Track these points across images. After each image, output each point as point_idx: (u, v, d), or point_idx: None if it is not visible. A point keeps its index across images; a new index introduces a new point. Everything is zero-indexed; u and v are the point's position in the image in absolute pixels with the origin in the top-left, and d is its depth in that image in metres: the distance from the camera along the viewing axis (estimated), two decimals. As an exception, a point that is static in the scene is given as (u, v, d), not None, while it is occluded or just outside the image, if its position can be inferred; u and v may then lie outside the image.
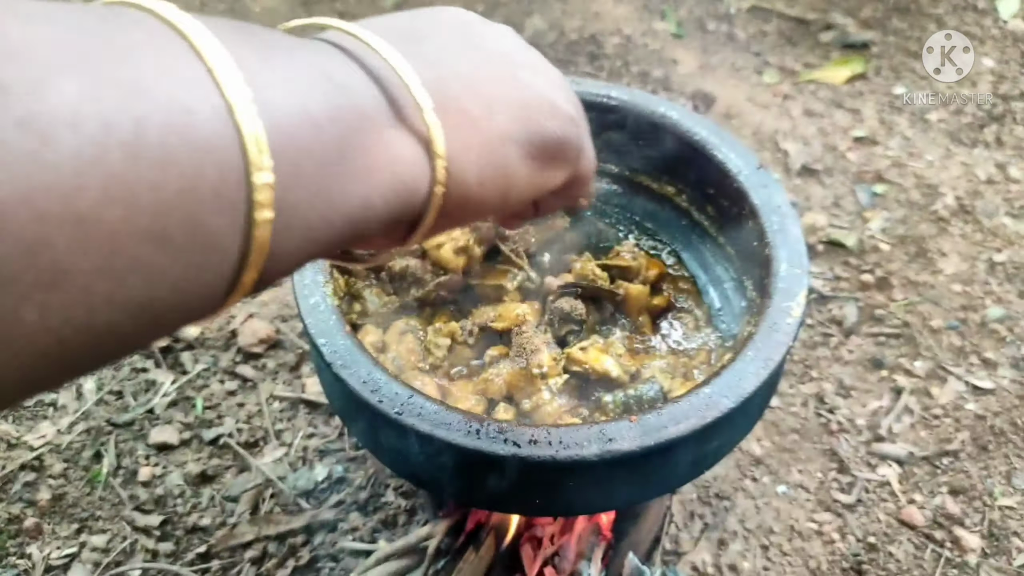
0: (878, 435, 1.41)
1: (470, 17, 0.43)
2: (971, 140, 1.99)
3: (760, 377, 0.69)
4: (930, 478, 1.36)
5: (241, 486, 1.31)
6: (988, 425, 1.43)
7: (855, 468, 1.37)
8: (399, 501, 1.29)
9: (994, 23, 2.32)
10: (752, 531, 1.29)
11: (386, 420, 0.66)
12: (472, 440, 0.64)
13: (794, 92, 2.11)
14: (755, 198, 0.85)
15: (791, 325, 0.73)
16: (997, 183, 1.88)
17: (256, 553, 1.23)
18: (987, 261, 1.70)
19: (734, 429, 0.75)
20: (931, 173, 1.89)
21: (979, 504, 1.33)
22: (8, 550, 1.23)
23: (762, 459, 1.38)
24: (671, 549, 1.26)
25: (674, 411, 0.66)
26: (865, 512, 1.32)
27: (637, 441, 0.64)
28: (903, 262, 1.70)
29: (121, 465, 1.33)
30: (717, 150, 0.90)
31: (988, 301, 1.62)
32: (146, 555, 1.23)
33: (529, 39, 2.22)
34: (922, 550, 1.28)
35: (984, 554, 1.27)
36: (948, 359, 1.53)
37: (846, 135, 1.99)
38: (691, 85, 2.11)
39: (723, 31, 2.32)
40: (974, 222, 1.78)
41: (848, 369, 1.51)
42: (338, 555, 1.23)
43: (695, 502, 1.32)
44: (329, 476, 1.32)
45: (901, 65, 2.19)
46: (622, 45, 2.23)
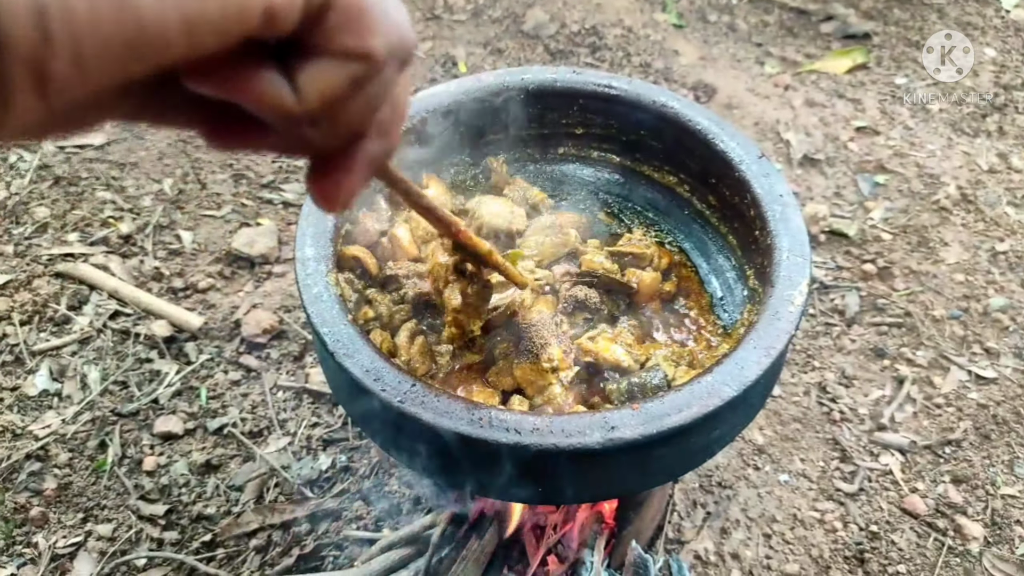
0: (880, 424, 1.41)
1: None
2: (973, 130, 1.99)
3: (762, 366, 0.69)
4: (932, 467, 1.37)
5: (246, 475, 1.31)
6: (990, 414, 1.43)
7: (857, 457, 1.37)
8: (403, 490, 1.29)
9: (996, 13, 2.32)
10: (754, 520, 1.30)
11: (389, 409, 0.66)
12: (475, 429, 0.64)
13: (795, 83, 2.11)
14: (757, 188, 0.85)
15: (793, 314, 0.73)
16: (999, 172, 1.88)
17: (261, 542, 1.24)
18: (989, 250, 1.70)
19: (736, 417, 0.76)
20: (933, 163, 1.89)
21: (981, 493, 1.34)
22: (15, 539, 1.24)
23: (764, 448, 1.38)
24: (674, 537, 1.27)
25: (676, 399, 0.67)
26: (867, 501, 1.32)
27: (639, 429, 0.64)
28: (905, 251, 1.70)
29: (126, 455, 1.34)
30: (719, 140, 0.90)
31: (990, 290, 1.62)
32: (151, 544, 1.24)
33: (530, 31, 2.22)
34: (924, 539, 1.28)
35: (986, 542, 1.28)
36: (950, 348, 1.53)
37: (848, 125, 1.98)
38: (692, 76, 2.11)
39: (724, 22, 2.32)
40: (976, 211, 1.78)
41: (850, 358, 1.51)
42: (342, 543, 1.24)
43: (698, 491, 1.33)
44: (333, 465, 1.33)
45: (902, 55, 2.19)
46: (623, 36, 2.23)
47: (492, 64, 2.12)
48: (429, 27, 2.24)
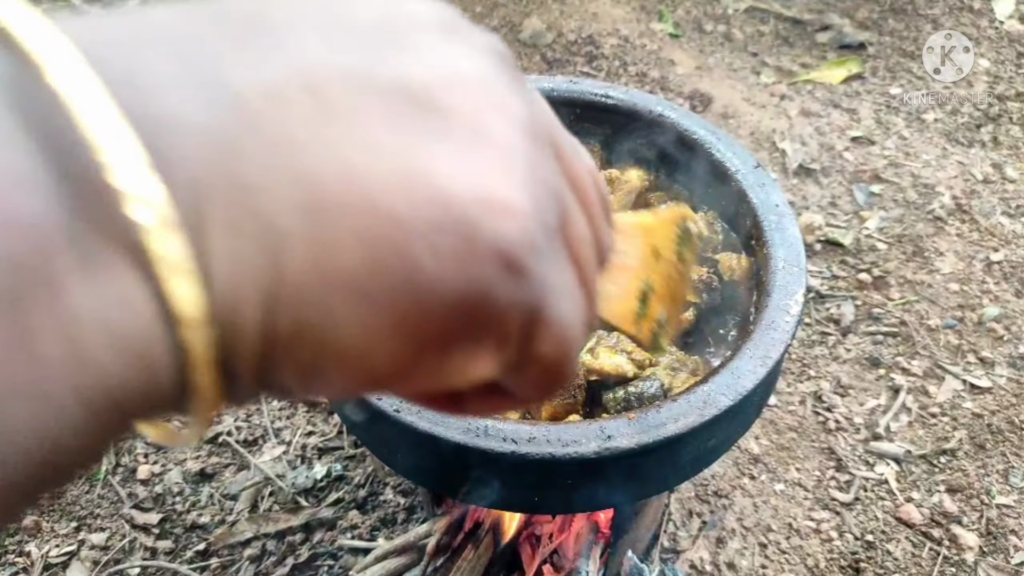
0: (876, 433, 1.42)
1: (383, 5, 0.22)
2: (967, 140, 2.00)
3: (758, 375, 0.69)
4: (928, 476, 1.37)
5: (240, 484, 1.31)
6: (985, 423, 1.43)
7: (853, 466, 1.37)
8: (398, 499, 1.29)
9: (990, 24, 2.33)
10: (750, 529, 1.30)
11: (385, 417, 0.66)
12: (470, 438, 0.64)
13: (791, 92, 2.12)
14: (753, 197, 0.86)
15: (789, 323, 0.73)
16: (993, 182, 1.88)
17: (255, 551, 1.23)
18: (984, 260, 1.71)
19: (732, 427, 0.76)
20: (928, 173, 1.90)
21: (976, 502, 1.34)
22: (7, 548, 1.23)
23: (760, 457, 1.38)
24: (669, 547, 1.27)
25: (672, 409, 0.67)
26: (863, 510, 1.32)
27: (635, 438, 0.64)
28: (900, 261, 1.70)
29: (120, 463, 1.33)
30: (715, 149, 0.91)
31: (985, 300, 1.63)
32: (145, 553, 1.23)
33: (527, 40, 2.22)
34: (920, 548, 1.28)
35: (982, 552, 1.28)
36: (945, 358, 1.53)
37: (843, 135, 1.99)
38: (688, 85, 2.12)
39: (720, 32, 2.33)
40: (971, 221, 1.79)
41: (846, 368, 1.52)
42: (337, 553, 1.23)
43: (693, 500, 1.33)
44: (328, 474, 1.32)
45: (897, 66, 2.20)
46: (619, 46, 2.24)
47: (489, 73, 2.12)
48: (426, 36, 2.24)
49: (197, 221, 0.17)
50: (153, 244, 0.16)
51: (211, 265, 0.17)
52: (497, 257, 0.20)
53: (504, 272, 0.20)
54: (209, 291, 0.17)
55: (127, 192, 0.16)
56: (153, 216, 0.16)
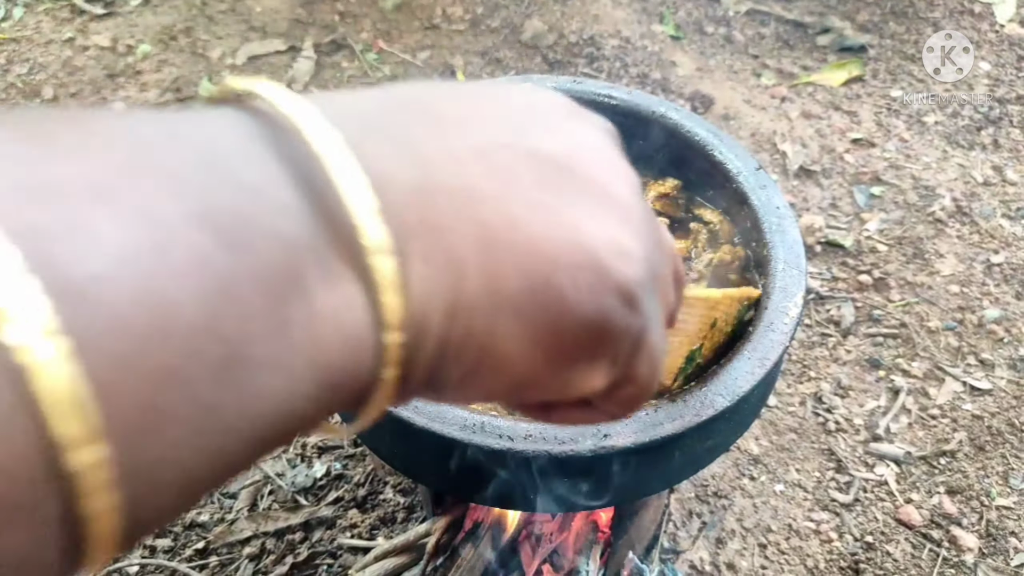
0: (876, 435, 1.42)
1: (528, 99, 0.29)
2: (968, 142, 2.00)
3: (756, 376, 0.69)
4: (927, 478, 1.37)
5: (239, 482, 1.31)
6: (985, 425, 1.43)
7: (853, 468, 1.37)
8: (397, 498, 1.29)
9: (991, 27, 2.33)
10: (750, 530, 1.30)
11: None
12: (468, 435, 0.65)
13: (792, 94, 2.12)
14: (754, 199, 0.86)
15: (788, 325, 0.73)
16: (994, 185, 1.88)
17: (254, 549, 1.23)
18: (984, 262, 1.71)
19: (731, 428, 0.76)
20: (928, 175, 1.90)
21: (976, 504, 1.34)
22: (7, 547, 1.24)
23: (760, 458, 1.38)
24: (669, 547, 1.27)
25: (670, 409, 0.67)
26: (863, 511, 1.32)
27: (632, 437, 0.65)
28: (900, 263, 1.70)
29: (120, 462, 1.33)
30: (716, 151, 0.91)
31: (985, 302, 1.63)
32: (144, 551, 1.24)
33: (528, 41, 2.23)
34: (919, 550, 1.28)
35: (981, 554, 1.28)
36: (945, 359, 1.53)
37: (843, 137, 1.99)
38: (689, 87, 2.12)
39: (721, 34, 2.33)
40: (971, 223, 1.79)
41: (846, 369, 1.52)
42: (336, 552, 1.23)
43: (693, 500, 1.33)
44: (328, 473, 1.32)
45: (898, 68, 2.20)
46: (621, 47, 2.24)
47: (490, 74, 2.13)
48: (427, 36, 2.25)
49: (403, 251, 0.23)
50: (377, 265, 0.22)
51: (410, 284, 0.23)
52: (620, 291, 0.26)
53: (623, 302, 0.26)
54: (409, 303, 0.23)
55: (362, 227, 0.22)
56: (378, 245, 0.22)
